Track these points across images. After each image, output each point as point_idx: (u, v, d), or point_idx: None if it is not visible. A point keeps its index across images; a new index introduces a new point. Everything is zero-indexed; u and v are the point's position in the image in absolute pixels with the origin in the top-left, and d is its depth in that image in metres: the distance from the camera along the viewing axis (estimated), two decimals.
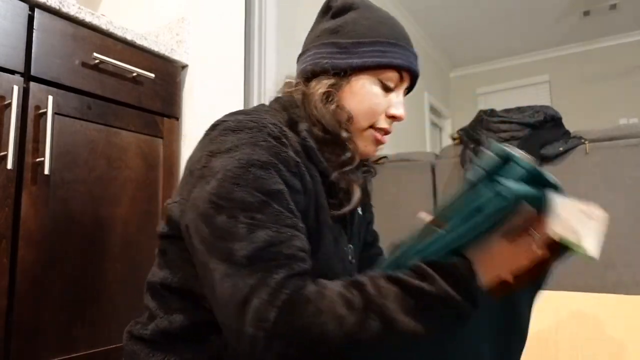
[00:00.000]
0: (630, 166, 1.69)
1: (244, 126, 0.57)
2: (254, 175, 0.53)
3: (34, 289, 0.91)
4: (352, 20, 0.68)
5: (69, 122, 1.01)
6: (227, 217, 0.51)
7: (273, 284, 0.48)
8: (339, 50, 0.67)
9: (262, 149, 0.55)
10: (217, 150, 0.56)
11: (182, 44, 1.34)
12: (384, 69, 0.67)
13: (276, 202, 0.53)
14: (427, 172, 2.10)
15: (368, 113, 0.67)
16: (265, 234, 0.51)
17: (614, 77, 4.92)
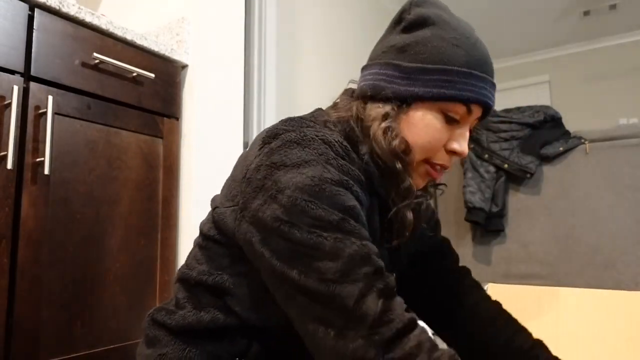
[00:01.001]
0: (630, 166, 1.69)
1: (311, 141, 0.54)
2: (329, 192, 0.51)
3: (34, 289, 0.91)
4: (423, 40, 0.60)
5: (69, 122, 1.01)
6: (307, 234, 0.49)
7: (373, 296, 0.47)
8: (401, 75, 0.60)
9: (332, 166, 0.53)
10: (282, 164, 0.53)
11: (182, 44, 1.34)
12: (449, 101, 0.59)
13: (353, 218, 0.51)
14: None
15: (425, 147, 0.61)
16: (350, 249, 0.48)
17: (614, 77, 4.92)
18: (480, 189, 1.87)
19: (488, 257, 1.93)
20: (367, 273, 0.48)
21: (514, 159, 1.85)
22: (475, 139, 1.97)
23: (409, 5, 0.64)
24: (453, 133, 0.62)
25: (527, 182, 1.86)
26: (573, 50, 5.18)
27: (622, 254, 1.67)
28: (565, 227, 1.78)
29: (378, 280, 0.48)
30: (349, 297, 0.46)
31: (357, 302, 0.46)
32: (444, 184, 0.76)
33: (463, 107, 0.60)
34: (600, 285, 1.69)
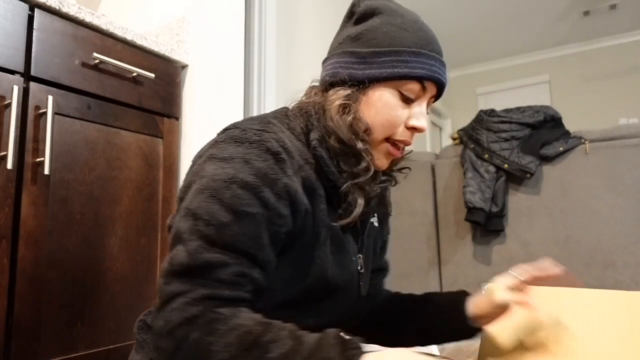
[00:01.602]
0: (630, 166, 1.69)
1: (246, 139, 0.58)
2: (232, 192, 0.55)
3: (34, 289, 0.91)
4: (374, 28, 0.65)
5: (69, 122, 1.01)
6: (189, 225, 0.54)
7: (192, 296, 0.52)
8: (357, 60, 0.65)
9: (253, 167, 0.56)
10: (214, 156, 0.58)
11: (182, 44, 1.34)
12: (403, 79, 0.63)
13: (241, 225, 0.55)
14: (427, 172, 2.10)
15: (385, 125, 0.65)
16: (210, 256, 0.53)
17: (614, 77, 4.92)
18: (480, 189, 1.86)
19: (488, 257, 1.93)
20: (207, 278, 0.53)
21: (514, 159, 1.85)
22: (475, 139, 1.97)
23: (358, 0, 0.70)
24: (411, 111, 0.66)
25: (527, 182, 1.86)
26: (573, 50, 5.18)
27: (622, 254, 1.67)
28: (565, 227, 1.78)
29: (212, 286, 0.53)
30: (170, 292, 0.52)
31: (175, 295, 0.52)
32: (408, 167, 0.79)
33: (417, 84, 0.64)
34: (600, 285, 1.69)
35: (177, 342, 0.50)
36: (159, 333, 0.52)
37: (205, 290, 0.52)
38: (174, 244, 0.56)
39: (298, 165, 0.60)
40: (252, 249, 0.55)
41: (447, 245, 2.02)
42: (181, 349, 0.50)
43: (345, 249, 0.67)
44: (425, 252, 2.05)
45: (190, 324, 0.50)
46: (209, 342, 0.49)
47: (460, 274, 1.97)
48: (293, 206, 0.59)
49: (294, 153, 0.61)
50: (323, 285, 0.64)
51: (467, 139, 2.00)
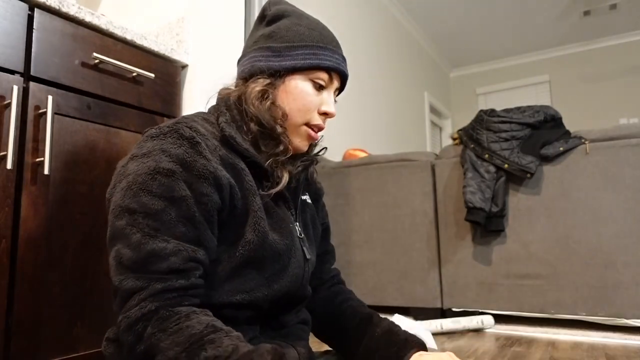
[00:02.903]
0: (630, 166, 1.69)
1: (161, 132, 0.64)
2: (159, 182, 0.59)
3: (34, 289, 0.91)
4: (285, 27, 0.75)
5: (68, 122, 1.01)
6: (126, 221, 0.58)
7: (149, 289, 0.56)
8: (273, 54, 0.73)
9: (170, 155, 0.61)
10: (135, 155, 0.63)
11: (182, 44, 1.34)
12: (314, 70, 0.73)
13: (176, 208, 0.59)
14: (427, 172, 2.10)
15: (302, 110, 0.73)
16: (155, 245, 0.57)
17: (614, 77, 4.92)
18: (480, 189, 1.86)
19: (488, 257, 1.93)
20: (157, 270, 0.57)
21: (514, 159, 1.85)
22: (475, 139, 1.97)
23: (268, 4, 0.79)
24: (323, 99, 0.75)
25: (527, 182, 1.86)
26: (573, 50, 5.19)
27: (622, 254, 1.67)
28: (565, 227, 1.78)
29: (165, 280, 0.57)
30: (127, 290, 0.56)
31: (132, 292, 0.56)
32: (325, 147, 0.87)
33: (325, 74, 0.74)
34: (600, 285, 1.69)
35: (137, 336, 0.55)
36: (122, 330, 0.56)
37: (159, 284, 0.57)
38: (113, 242, 0.60)
39: (214, 146, 0.66)
40: (192, 231, 0.60)
41: (447, 245, 2.01)
42: (140, 342, 0.55)
43: (280, 216, 0.73)
44: (425, 252, 2.05)
45: (146, 320, 0.55)
46: (159, 339, 0.54)
47: (460, 274, 1.97)
48: (215, 183, 0.63)
49: (207, 136, 0.66)
50: (267, 250, 0.68)
51: (467, 139, 2.00)
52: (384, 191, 2.17)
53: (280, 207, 0.74)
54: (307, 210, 0.83)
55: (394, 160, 2.18)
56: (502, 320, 1.91)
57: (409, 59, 4.50)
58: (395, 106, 4.08)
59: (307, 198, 0.85)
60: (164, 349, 0.53)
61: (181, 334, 0.54)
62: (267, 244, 0.68)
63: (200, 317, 0.57)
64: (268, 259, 0.68)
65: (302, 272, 0.75)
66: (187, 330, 0.54)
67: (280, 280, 0.70)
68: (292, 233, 0.74)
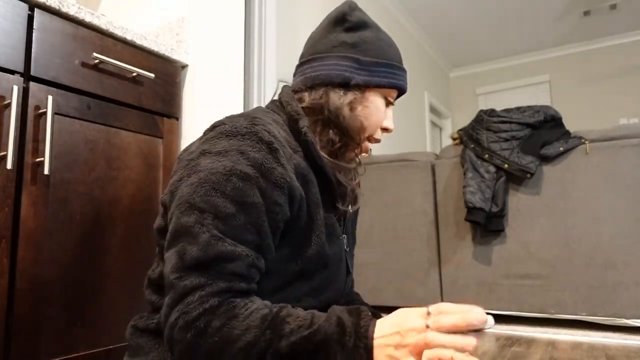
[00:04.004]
0: (630, 166, 1.69)
1: (238, 132, 0.61)
2: (233, 184, 0.57)
3: (33, 289, 0.91)
4: (370, 40, 0.74)
5: (68, 122, 1.01)
6: (195, 219, 0.56)
7: (212, 288, 0.54)
8: (360, 67, 0.73)
9: (248, 158, 0.59)
10: (208, 151, 0.61)
11: (182, 44, 1.34)
12: (391, 88, 0.75)
13: (246, 215, 0.58)
14: (427, 172, 2.10)
15: (374, 125, 0.75)
16: (220, 247, 0.55)
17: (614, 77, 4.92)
18: (480, 189, 1.86)
19: (488, 257, 1.92)
20: (222, 271, 0.55)
21: (514, 159, 1.85)
22: (475, 139, 1.97)
23: (349, 9, 0.77)
24: (387, 114, 0.78)
25: (527, 182, 1.86)
26: (573, 50, 5.18)
27: (622, 254, 1.67)
28: (565, 227, 1.78)
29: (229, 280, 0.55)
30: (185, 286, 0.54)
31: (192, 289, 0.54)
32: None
33: (395, 92, 0.77)
34: (600, 285, 1.69)
35: (198, 332, 0.52)
36: (176, 326, 0.53)
37: (223, 283, 0.55)
38: (178, 238, 0.57)
39: (289, 153, 0.65)
40: (258, 240, 0.59)
41: (447, 245, 2.01)
42: (203, 338, 0.52)
43: (333, 229, 0.73)
44: (425, 252, 2.05)
45: (210, 314, 0.52)
46: (232, 327, 0.52)
47: (460, 274, 1.97)
48: (289, 194, 0.62)
49: (283, 142, 0.65)
50: (320, 264, 0.68)
51: (467, 139, 2.00)
52: (384, 191, 2.17)
53: (334, 218, 0.74)
54: (349, 221, 0.83)
55: (394, 160, 2.18)
56: (502, 320, 1.90)
57: (409, 59, 4.50)
58: (396, 106, 4.07)
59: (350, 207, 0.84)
60: (238, 336, 0.52)
61: (253, 317, 0.53)
62: (324, 257, 0.68)
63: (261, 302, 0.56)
64: (319, 272, 0.69)
65: (344, 285, 0.76)
66: (259, 313, 0.53)
67: (325, 292, 0.71)
68: (340, 246, 0.75)
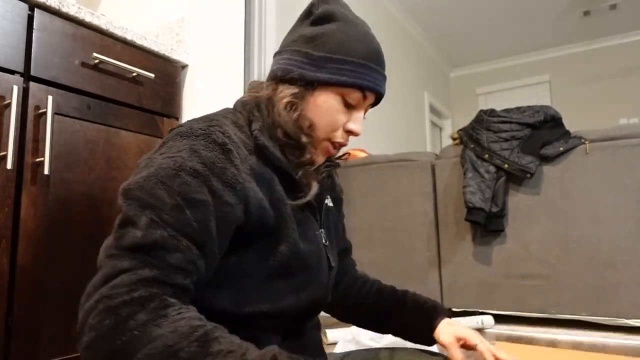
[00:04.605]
0: (630, 166, 1.69)
1: (192, 133, 0.61)
2: (181, 180, 0.55)
3: (33, 289, 0.91)
4: (329, 33, 0.69)
5: (68, 122, 1.01)
6: (139, 210, 0.53)
7: (144, 275, 0.50)
8: (309, 62, 0.68)
9: (200, 157, 0.58)
10: (162, 152, 0.60)
11: (182, 44, 1.34)
12: (348, 87, 0.68)
13: (193, 211, 0.55)
14: (427, 172, 2.10)
15: (327, 127, 0.70)
16: (160, 233, 0.52)
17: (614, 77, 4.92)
18: (480, 189, 1.86)
19: (488, 257, 1.92)
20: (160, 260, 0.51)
21: (514, 159, 1.85)
22: (475, 139, 1.97)
23: (317, 1, 0.73)
24: (351, 115, 0.71)
25: (527, 182, 1.86)
26: (573, 50, 5.18)
27: (622, 254, 1.67)
28: (565, 227, 1.78)
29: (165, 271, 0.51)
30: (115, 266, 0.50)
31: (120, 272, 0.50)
32: (347, 153, 0.86)
33: (359, 93, 0.69)
34: (600, 285, 1.69)
35: (118, 321, 0.47)
36: (95, 310, 0.49)
37: (157, 272, 0.51)
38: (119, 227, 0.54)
39: (244, 154, 0.63)
40: (202, 238, 0.56)
41: (447, 245, 2.01)
42: (121, 329, 0.47)
43: (307, 225, 0.71)
44: (425, 252, 2.05)
45: (137, 305, 0.48)
46: (157, 325, 0.47)
47: (460, 274, 1.97)
48: (242, 195, 0.60)
49: (239, 143, 0.63)
50: (298, 260, 0.66)
51: (467, 139, 2.00)
52: (384, 191, 2.17)
53: (306, 213, 0.72)
54: (330, 214, 0.82)
55: (394, 160, 2.18)
56: (502, 320, 1.90)
57: (409, 59, 4.50)
58: (395, 106, 4.08)
59: (329, 201, 0.83)
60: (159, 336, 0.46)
61: (184, 324, 0.48)
62: (299, 254, 0.66)
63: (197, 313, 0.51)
64: (299, 269, 0.67)
65: (327, 280, 0.75)
66: (191, 321, 0.48)
67: (307, 289, 0.69)
68: (318, 241, 0.73)
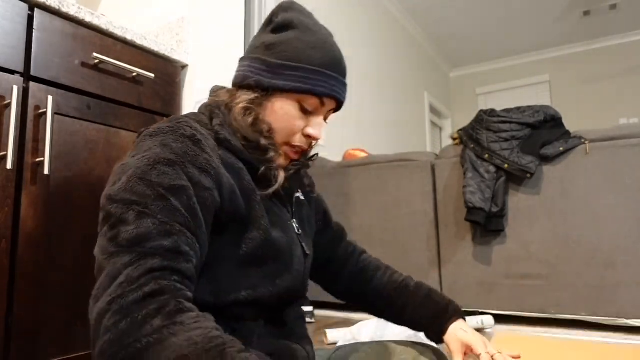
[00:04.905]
0: (630, 166, 1.69)
1: (161, 131, 0.63)
2: (158, 171, 0.57)
3: (33, 289, 0.91)
4: (287, 41, 0.71)
5: (68, 122, 1.01)
6: (125, 209, 0.54)
7: (146, 266, 0.50)
8: (266, 69, 0.71)
9: (172, 148, 0.60)
10: (134, 153, 0.61)
11: (182, 44, 1.34)
12: (304, 94, 0.70)
13: (175, 197, 0.56)
14: (427, 172, 2.10)
15: (284, 131, 0.71)
16: (151, 222, 0.53)
17: (614, 77, 4.92)
18: (480, 189, 1.86)
19: (488, 257, 1.93)
20: (156, 247, 0.52)
21: (514, 159, 1.85)
22: (475, 139, 1.97)
23: (278, 9, 0.75)
24: (310, 121, 0.72)
25: (527, 182, 1.86)
26: (573, 50, 5.18)
27: (622, 254, 1.67)
28: (565, 227, 1.78)
29: (160, 257, 0.51)
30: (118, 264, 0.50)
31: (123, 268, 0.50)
32: (316, 154, 0.86)
33: (316, 99, 0.70)
34: (600, 285, 1.69)
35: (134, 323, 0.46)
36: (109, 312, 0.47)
37: (157, 259, 0.51)
38: (109, 228, 0.54)
39: (213, 145, 0.65)
40: (191, 222, 0.57)
41: (447, 245, 2.01)
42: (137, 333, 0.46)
43: (277, 214, 0.73)
44: (425, 252, 2.05)
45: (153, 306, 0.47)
46: (173, 334, 0.46)
47: (460, 274, 1.97)
48: (217, 180, 0.62)
49: (207, 136, 0.65)
50: (270, 248, 0.68)
51: (467, 139, 2.00)
52: (384, 191, 2.17)
53: (277, 205, 0.75)
54: (302, 208, 0.84)
55: (394, 160, 2.18)
56: (502, 320, 1.90)
57: (409, 59, 4.50)
58: (395, 106, 4.08)
59: (300, 195, 0.85)
60: (174, 345, 0.45)
61: (200, 333, 0.47)
62: (270, 241, 0.68)
63: (213, 323, 0.51)
64: (271, 256, 0.69)
65: (303, 267, 0.76)
66: (208, 333, 0.47)
67: (283, 277, 0.71)
68: (290, 230, 0.74)
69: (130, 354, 0.46)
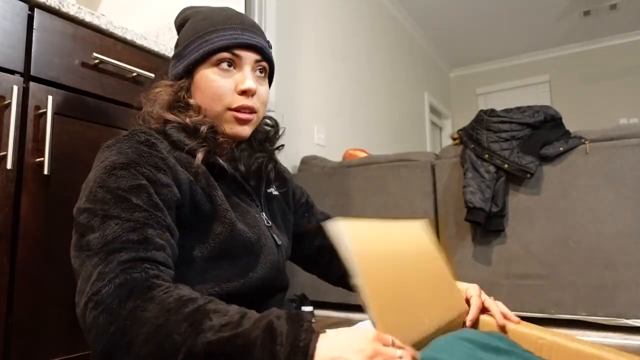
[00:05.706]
0: (630, 166, 1.69)
1: (117, 141, 0.65)
2: (115, 176, 0.59)
3: (33, 289, 0.91)
4: (183, 32, 0.78)
5: (69, 122, 1.01)
6: (89, 216, 0.57)
7: (115, 262, 0.52)
8: (177, 60, 0.77)
9: (126, 154, 0.62)
10: (95, 166, 0.64)
11: None
12: (210, 55, 0.72)
13: (135, 196, 0.58)
14: (427, 172, 2.10)
15: (214, 98, 0.72)
16: (114, 223, 0.55)
17: (614, 77, 4.92)
18: (480, 189, 1.86)
19: (488, 257, 1.93)
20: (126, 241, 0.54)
21: (514, 159, 1.85)
22: (475, 139, 1.97)
23: (176, 16, 0.83)
24: (236, 78, 0.73)
25: (527, 182, 1.86)
26: (573, 50, 5.19)
27: (622, 253, 1.67)
28: (565, 227, 1.78)
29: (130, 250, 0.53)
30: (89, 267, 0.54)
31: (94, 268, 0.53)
32: (282, 145, 0.86)
33: (226, 53, 0.72)
34: (600, 285, 1.69)
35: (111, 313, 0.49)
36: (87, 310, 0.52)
37: (125, 252, 0.53)
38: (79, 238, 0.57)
39: (167, 148, 0.67)
40: (155, 216, 0.58)
41: (447, 245, 2.02)
42: (115, 320, 0.49)
43: (244, 209, 0.74)
44: None
45: (124, 292, 0.49)
46: (144, 310, 0.48)
47: (460, 274, 1.97)
48: (174, 178, 0.64)
49: (162, 140, 0.68)
50: (237, 241, 0.68)
51: (467, 139, 2.00)
52: (384, 191, 2.17)
53: (244, 200, 0.75)
54: (274, 203, 0.84)
55: (394, 160, 2.18)
56: None
57: (409, 59, 4.50)
58: (395, 106, 4.08)
59: (272, 190, 0.85)
60: (148, 319, 0.46)
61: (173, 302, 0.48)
62: (236, 234, 0.68)
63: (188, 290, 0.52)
64: (239, 249, 0.69)
65: (277, 257, 0.76)
66: (181, 298, 0.48)
67: (255, 269, 0.71)
68: (259, 223, 0.75)
69: (116, 341, 0.48)
